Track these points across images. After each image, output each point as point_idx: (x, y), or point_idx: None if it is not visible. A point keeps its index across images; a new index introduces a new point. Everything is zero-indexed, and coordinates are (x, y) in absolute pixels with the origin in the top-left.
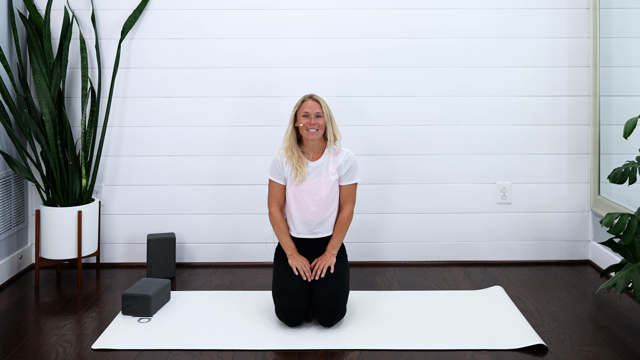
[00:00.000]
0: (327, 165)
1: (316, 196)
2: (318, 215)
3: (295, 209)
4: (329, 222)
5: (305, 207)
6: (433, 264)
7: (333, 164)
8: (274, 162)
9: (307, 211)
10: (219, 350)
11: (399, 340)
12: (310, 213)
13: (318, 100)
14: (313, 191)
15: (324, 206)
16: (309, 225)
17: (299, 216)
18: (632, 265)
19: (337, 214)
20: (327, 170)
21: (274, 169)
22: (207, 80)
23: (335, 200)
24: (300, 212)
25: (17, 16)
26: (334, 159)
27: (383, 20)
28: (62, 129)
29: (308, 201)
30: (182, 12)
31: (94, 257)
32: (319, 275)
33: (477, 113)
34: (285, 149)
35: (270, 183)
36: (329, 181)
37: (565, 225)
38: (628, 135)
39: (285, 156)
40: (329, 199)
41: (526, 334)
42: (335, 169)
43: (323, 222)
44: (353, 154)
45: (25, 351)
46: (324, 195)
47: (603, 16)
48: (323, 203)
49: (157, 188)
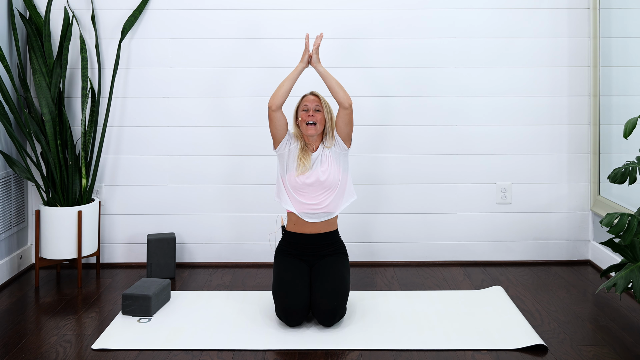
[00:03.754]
0: (323, 153)
1: (316, 181)
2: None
3: (297, 198)
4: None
5: (307, 194)
6: (433, 264)
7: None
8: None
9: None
10: (219, 350)
11: (399, 340)
12: (313, 198)
13: (318, 95)
14: (313, 178)
15: (325, 190)
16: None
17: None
18: (632, 265)
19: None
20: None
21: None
22: (207, 80)
23: (336, 182)
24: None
25: (17, 16)
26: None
27: (383, 20)
28: (62, 129)
29: (309, 188)
30: (182, 12)
31: (94, 257)
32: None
33: (477, 113)
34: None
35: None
36: (328, 161)
37: (565, 225)
38: (628, 135)
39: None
40: (329, 182)
41: (526, 334)
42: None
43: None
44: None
45: (25, 351)
46: (323, 178)
47: (603, 16)
48: (323, 187)
49: (157, 188)
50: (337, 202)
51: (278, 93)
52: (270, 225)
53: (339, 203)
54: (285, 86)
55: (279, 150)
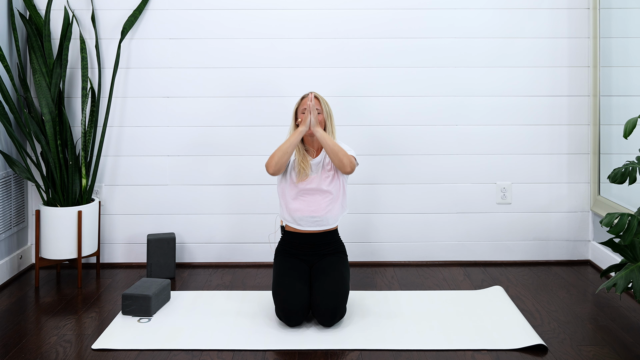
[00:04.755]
0: (325, 159)
1: (317, 191)
2: (319, 209)
3: (296, 205)
4: (330, 215)
5: (306, 202)
6: (433, 264)
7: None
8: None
9: (308, 206)
10: (219, 350)
11: (399, 340)
12: (311, 207)
13: (317, 97)
14: (314, 186)
15: (324, 200)
16: (310, 220)
17: (301, 211)
18: (632, 265)
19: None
20: (325, 165)
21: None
22: (207, 80)
23: (335, 193)
24: (301, 207)
25: (17, 16)
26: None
27: (383, 20)
28: (62, 129)
29: (309, 197)
30: (182, 12)
31: (94, 257)
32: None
33: (477, 113)
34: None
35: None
36: (329, 174)
37: (565, 225)
38: (628, 135)
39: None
40: (329, 192)
41: (526, 334)
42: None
43: (324, 215)
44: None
45: (25, 351)
46: (325, 188)
47: (603, 16)
48: (323, 197)
49: (157, 188)
50: (335, 211)
51: (280, 160)
52: (270, 225)
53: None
54: (288, 152)
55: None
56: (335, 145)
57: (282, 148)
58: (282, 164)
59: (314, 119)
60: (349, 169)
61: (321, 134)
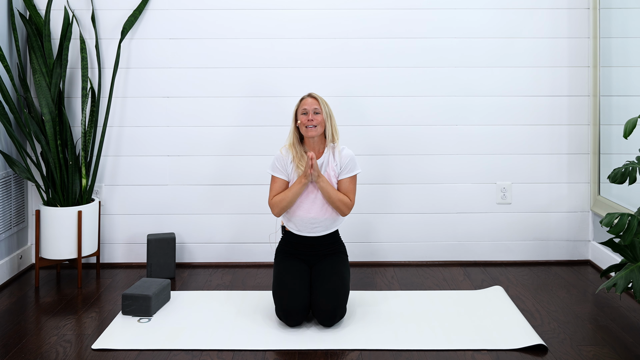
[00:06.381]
0: (328, 162)
1: (317, 194)
2: (319, 213)
3: (296, 208)
4: (329, 220)
5: (306, 206)
6: (433, 264)
7: (333, 161)
8: (276, 159)
9: (308, 210)
10: (219, 350)
11: (399, 340)
12: (311, 211)
13: (316, 98)
14: (314, 190)
15: (325, 204)
16: (310, 224)
17: (300, 215)
18: (632, 265)
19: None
20: (327, 168)
21: (275, 166)
22: (207, 80)
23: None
24: (301, 211)
25: (17, 16)
26: (333, 156)
27: (383, 20)
28: (62, 129)
29: (309, 200)
30: (182, 12)
31: (94, 257)
32: (314, 167)
33: (477, 113)
34: (287, 147)
35: (273, 180)
36: (330, 179)
37: (565, 225)
38: (628, 135)
39: (287, 154)
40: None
41: (526, 334)
42: (335, 165)
43: (324, 220)
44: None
45: (25, 351)
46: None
47: (603, 16)
48: (323, 203)
49: (157, 188)
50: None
51: (286, 208)
52: (270, 225)
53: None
54: (293, 201)
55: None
56: (335, 195)
57: (286, 198)
58: (285, 210)
59: (315, 173)
60: (347, 212)
61: (323, 186)
